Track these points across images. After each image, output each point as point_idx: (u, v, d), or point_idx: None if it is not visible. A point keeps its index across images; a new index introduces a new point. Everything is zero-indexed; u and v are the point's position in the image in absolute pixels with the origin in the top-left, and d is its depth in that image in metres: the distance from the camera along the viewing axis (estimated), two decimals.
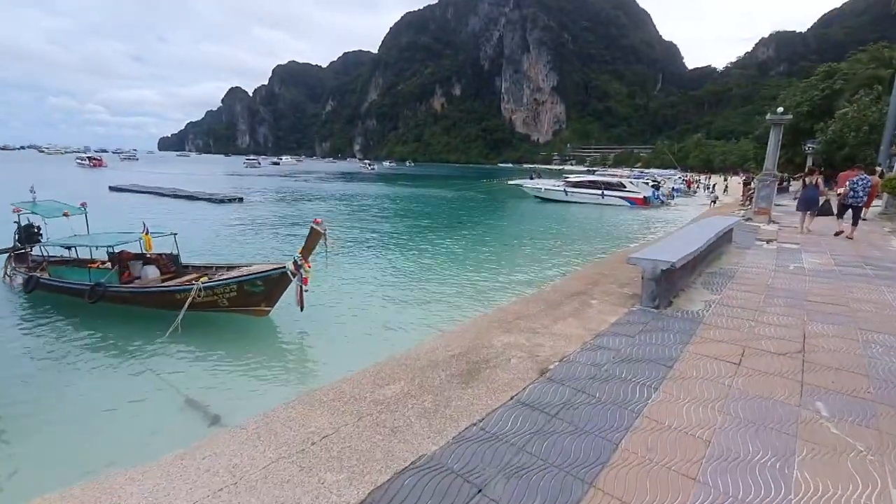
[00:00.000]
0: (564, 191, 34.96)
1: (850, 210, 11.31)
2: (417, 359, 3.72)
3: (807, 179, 12.23)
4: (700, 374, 3.45)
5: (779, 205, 17.23)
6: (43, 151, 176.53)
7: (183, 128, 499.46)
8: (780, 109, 12.76)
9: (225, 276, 8.63)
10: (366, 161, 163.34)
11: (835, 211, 12.11)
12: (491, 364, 3.58)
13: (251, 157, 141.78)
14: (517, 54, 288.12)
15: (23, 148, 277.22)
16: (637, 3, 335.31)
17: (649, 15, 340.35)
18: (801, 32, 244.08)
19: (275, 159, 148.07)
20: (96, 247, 9.69)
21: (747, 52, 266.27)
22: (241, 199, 32.31)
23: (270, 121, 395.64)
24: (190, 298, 8.13)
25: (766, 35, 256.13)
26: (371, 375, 3.44)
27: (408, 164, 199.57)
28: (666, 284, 4.99)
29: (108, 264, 9.73)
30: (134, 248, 9.93)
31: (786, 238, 10.61)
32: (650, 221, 26.22)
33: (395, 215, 26.78)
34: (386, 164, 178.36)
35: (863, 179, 11.28)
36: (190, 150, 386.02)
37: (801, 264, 7.60)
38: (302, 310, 8.21)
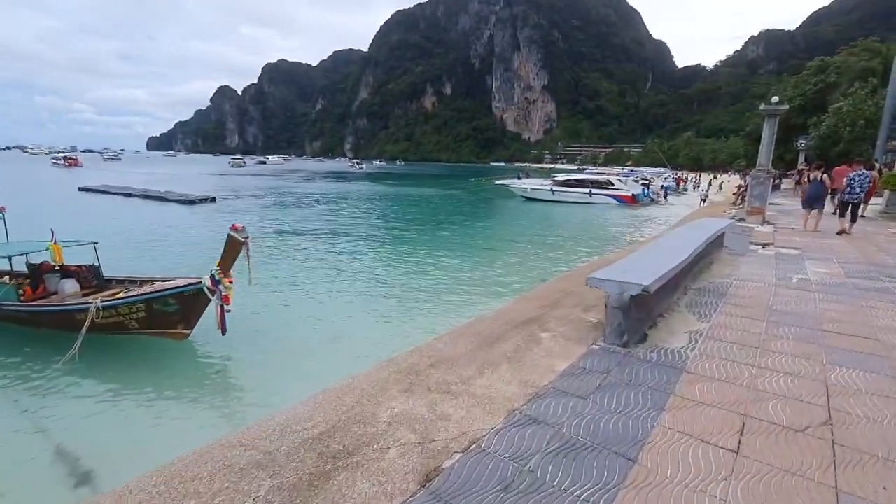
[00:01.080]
0: (551, 190, 33.84)
1: (849, 207, 10.63)
2: (249, 446, 2.42)
3: (811, 175, 11.34)
4: (677, 476, 2.19)
5: (773, 203, 16.13)
6: (27, 151, 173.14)
7: (172, 127, 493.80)
8: (776, 99, 11.60)
9: (131, 294, 7.33)
10: (355, 160, 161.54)
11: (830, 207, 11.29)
12: (355, 459, 2.29)
13: (236, 156, 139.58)
14: (508, 53, 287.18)
15: (8, 148, 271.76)
16: (627, 1, 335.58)
17: (639, 14, 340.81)
18: (790, 31, 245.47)
19: (261, 158, 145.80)
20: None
21: (737, 51, 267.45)
22: (213, 200, 30.96)
23: (260, 120, 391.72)
24: (88, 319, 6.87)
25: (756, 33, 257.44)
26: (151, 486, 2.13)
27: (398, 163, 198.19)
28: (637, 314, 3.73)
29: (6, 278, 8.46)
30: (66, 261, 8.69)
31: (783, 241, 9.44)
32: (639, 220, 25.13)
33: (368, 217, 25.41)
34: (376, 163, 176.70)
35: (860, 175, 10.62)
36: (178, 150, 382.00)
37: (806, 275, 6.39)
38: (224, 334, 6.97)
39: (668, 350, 3.66)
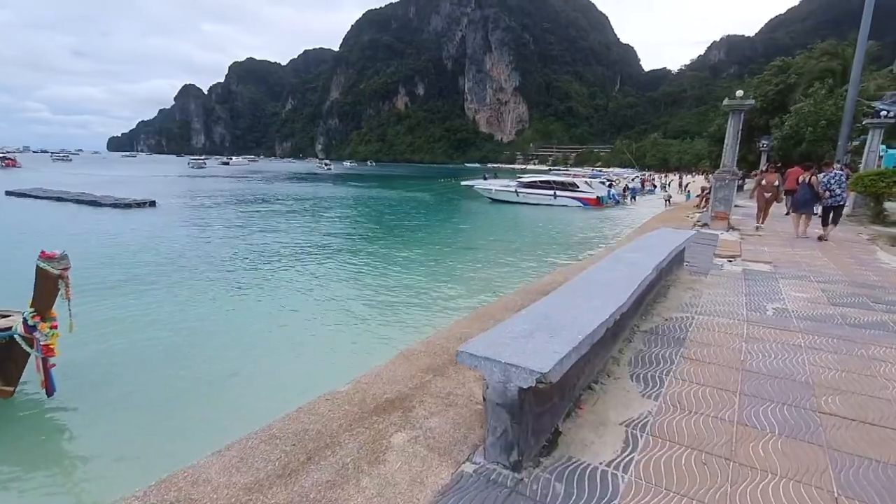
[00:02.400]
0: (516, 192, 32.75)
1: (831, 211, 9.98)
2: None
3: (800, 178, 10.60)
4: None
5: (737, 206, 15.24)
6: None
7: (135, 127, 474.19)
8: (740, 93, 10.54)
9: None
10: (323, 161, 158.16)
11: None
12: None
13: (197, 157, 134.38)
14: (480, 54, 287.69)
15: None
16: (595, 6, 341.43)
17: (607, 18, 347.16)
18: (749, 37, 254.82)
19: (224, 159, 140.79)
20: None
21: (700, 55, 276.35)
22: (153, 204, 28.54)
23: (227, 119, 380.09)
24: None
25: (718, 39, 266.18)
26: None
27: (369, 163, 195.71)
28: (538, 408, 2.28)
29: None
30: None
31: (752, 253, 8.28)
32: (599, 224, 24.27)
33: (311, 225, 23.31)
34: (346, 164, 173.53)
35: (835, 176, 9.82)
36: (141, 150, 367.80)
37: (783, 304, 5.13)
38: (50, 395, 5.33)
39: (587, 471, 2.22)
